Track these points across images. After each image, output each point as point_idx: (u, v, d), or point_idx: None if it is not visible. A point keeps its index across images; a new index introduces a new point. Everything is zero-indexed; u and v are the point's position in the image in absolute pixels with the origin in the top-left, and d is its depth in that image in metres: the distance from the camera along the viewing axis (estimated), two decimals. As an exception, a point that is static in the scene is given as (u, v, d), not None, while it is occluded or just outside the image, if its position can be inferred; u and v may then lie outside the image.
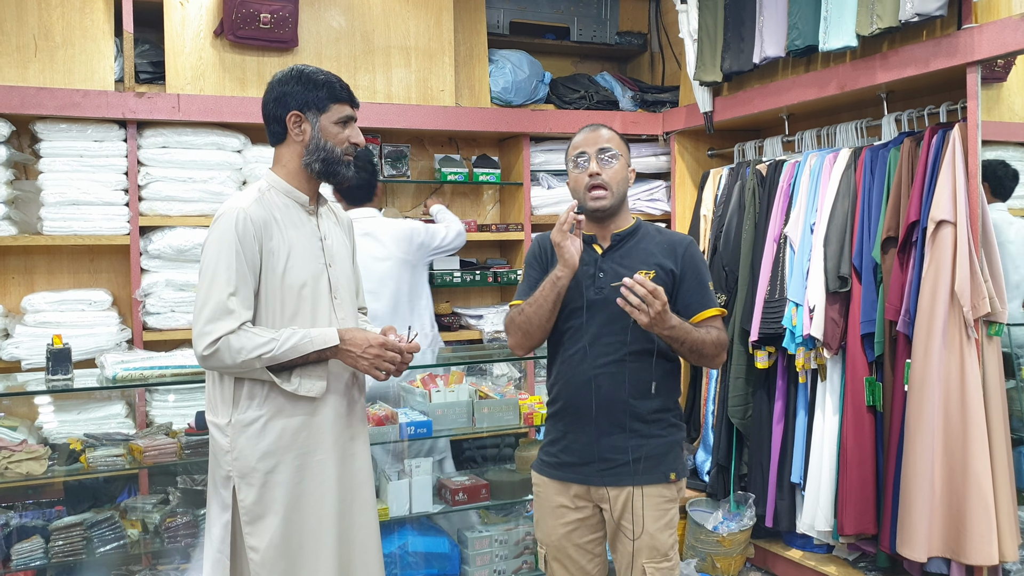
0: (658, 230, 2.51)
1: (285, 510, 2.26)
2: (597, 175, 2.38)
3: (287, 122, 2.31)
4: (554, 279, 2.33)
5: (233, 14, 3.95)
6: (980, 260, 3.09)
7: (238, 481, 2.26)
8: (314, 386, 2.27)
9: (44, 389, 3.06)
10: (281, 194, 2.33)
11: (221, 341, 2.15)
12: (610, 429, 2.38)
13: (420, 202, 4.80)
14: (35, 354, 3.62)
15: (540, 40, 5.05)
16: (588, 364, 2.38)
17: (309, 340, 2.22)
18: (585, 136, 2.46)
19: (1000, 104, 3.69)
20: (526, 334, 2.41)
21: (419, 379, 3.58)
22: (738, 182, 4.17)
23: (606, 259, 2.42)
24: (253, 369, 2.19)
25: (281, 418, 2.26)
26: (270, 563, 2.25)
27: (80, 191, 3.77)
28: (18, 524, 3.12)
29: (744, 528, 3.87)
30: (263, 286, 2.26)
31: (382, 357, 2.27)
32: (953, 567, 3.18)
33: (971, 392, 3.07)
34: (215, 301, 2.17)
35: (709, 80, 4.26)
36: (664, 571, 2.39)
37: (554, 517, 2.47)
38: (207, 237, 2.26)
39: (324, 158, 2.31)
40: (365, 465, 2.43)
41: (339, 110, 2.32)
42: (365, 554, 2.39)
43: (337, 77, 2.36)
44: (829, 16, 3.55)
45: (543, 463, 2.51)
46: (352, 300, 2.46)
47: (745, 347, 3.92)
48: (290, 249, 2.28)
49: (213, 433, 2.31)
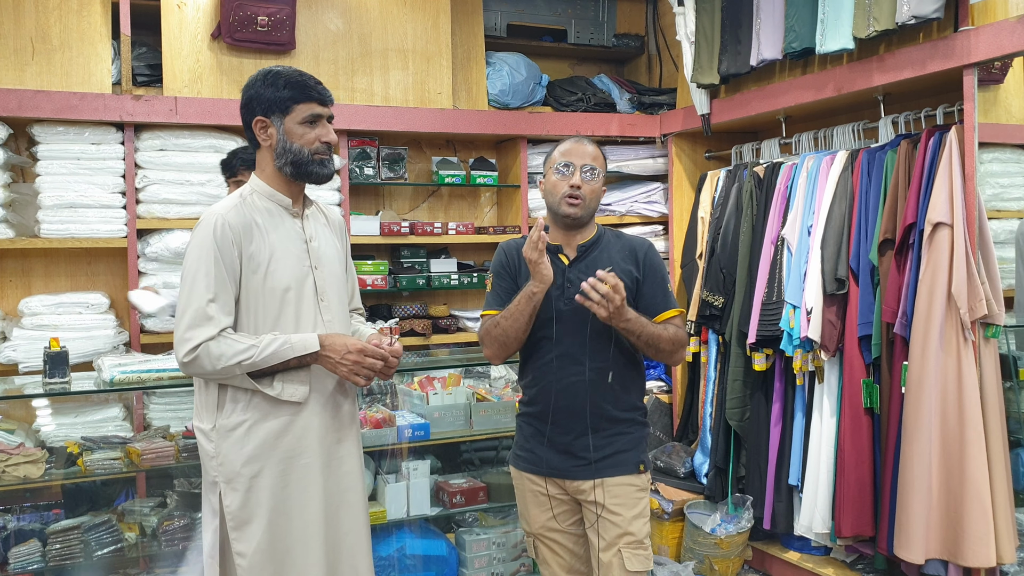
0: (617, 235, 2.62)
1: (270, 515, 2.24)
2: (577, 188, 2.48)
3: (254, 128, 2.30)
4: (529, 294, 2.42)
5: (230, 17, 3.95)
6: (977, 262, 3.09)
7: (224, 486, 2.24)
8: (297, 391, 2.26)
9: (41, 392, 3.06)
10: (264, 198, 2.32)
11: (201, 348, 2.14)
12: (583, 430, 2.49)
13: (417, 204, 4.80)
14: (32, 357, 3.61)
15: (537, 42, 5.05)
16: (562, 372, 2.50)
17: (289, 346, 2.21)
18: (573, 147, 2.54)
19: (997, 106, 3.70)
20: (503, 345, 2.51)
21: (416, 382, 3.58)
22: (735, 184, 4.17)
23: (573, 269, 2.51)
24: (234, 375, 2.19)
25: (265, 423, 2.24)
26: (257, 568, 2.22)
27: (77, 194, 3.76)
28: (15, 527, 3.12)
29: (742, 530, 3.87)
30: (245, 291, 2.24)
31: (360, 363, 2.25)
32: (951, 569, 3.18)
33: (968, 394, 3.08)
34: (195, 308, 2.17)
35: (706, 82, 4.26)
36: (640, 558, 2.48)
37: (536, 506, 2.60)
38: (188, 244, 2.25)
39: (293, 160, 2.28)
40: (353, 469, 2.40)
41: (304, 110, 2.28)
42: (354, 559, 2.37)
43: (305, 76, 2.31)
44: (826, 19, 3.56)
45: (518, 458, 2.64)
46: (341, 302, 2.44)
47: (743, 349, 3.92)
48: (272, 253, 2.26)
49: (199, 438, 2.30)
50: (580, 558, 2.61)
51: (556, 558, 2.62)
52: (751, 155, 4.38)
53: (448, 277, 4.51)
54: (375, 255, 4.52)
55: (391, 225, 4.37)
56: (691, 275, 4.40)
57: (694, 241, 4.44)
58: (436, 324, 4.54)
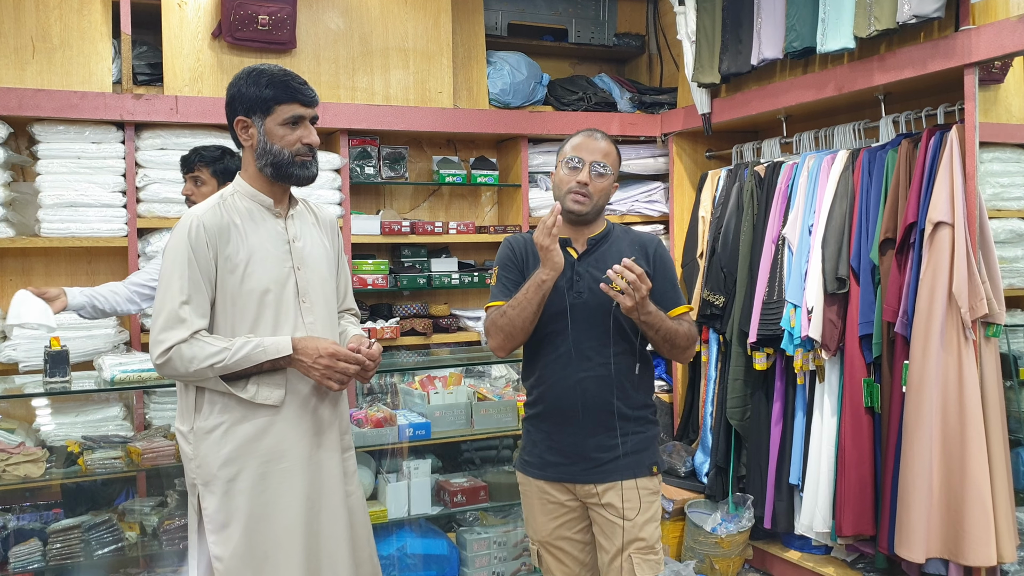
0: (626, 231, 2.57)
1: (247, 519, 2.20)
2: (585, 184, 2.43)
3: (235, 128, 2.27)
4: (539, 282, 2.33)
5: (231, 16, 3.95)
6: (978, 261, 3.09)
7: (202, 489, 2.22)
8: (272, 394, 2.21)
9: (42, 391, 3.05)
10: (246, 198, 2.28)
11: (173, 350, 2.12)
12: (596, 429, 2.43)
13: (418, 204, 4.80)
14: (32, 356, 3.61)
15: (538, 42, 5.05)
16: (573, 368, 2.42)
17: (262, 349, 2.16)
18: (585, 141, 2.48)
19: (997, 105, 3.70)
20: (508, 336, 2.41)
21: (417, 381, 3.58)
22: (736, 184, 4.17)
23: (582, 263, 2.47)
24: (207, 378, 2.16)
25: (242, 425, 2.20)
26: (235, 572, 2.19)
27: (78, 193, 3.76)
28: (16, 527, 3.11)
29: (742, 529, 3.87)
30: (221, 292, 2.21)
31: (332, 368, 2.20)
32: (951, 568, 3.18)
33: (969, 393, 3.08)
34: (168, 310, 2.15)
35: (707, 82, 4.26)
36: (652, 564, 2.42)
37: (543, 513, 2.52)
38: (165, 246, 2.23)
39: (273, 162, 2.24)
40: (335, 473, 2.33)
41: (286, 111, 2.23)
42: (334, 565, 2.30)
43: (289, 76, 2.26)
44: (827, 18, 3.56)
45: (526, 463, 2.55)
46: (328, 304, 2.37)
47: (743, 348, 3.92)
48: (251, 254, 2.23)
49: (179, 440, 2.27)
50: (586, 566, 2.55)
51: (561, 567, 2.54)
52: (752, 154, 4.38)
53: (449, 276, 4.51)
54: (376, 254, 4.52)
55: (392, 224, 4.37)
56: (692, 274, 4.40)
57: (695, 240, 4.44)
58: (437, 323, 4.54)
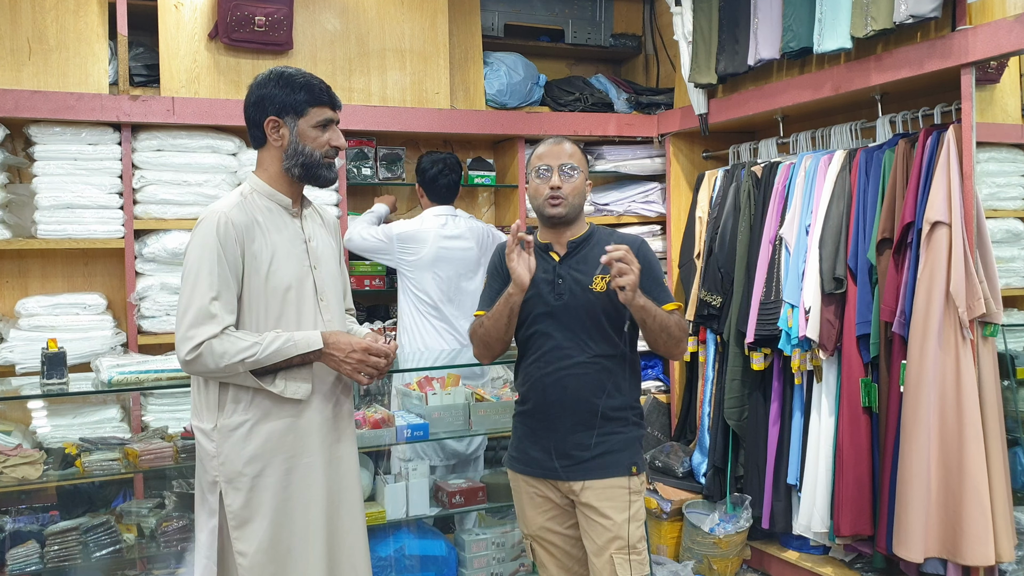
0: (610, 233, 2.63)
1: (273, 514, 2.26)
2: (558, 188, 2.50)
3: (265, 127, 2.31)
4: (507, 296, 2.46)
5: (228, 17, 3.94)
6: (975, 261, 3.09)
7: (225, 486, 2.25)
8: (299, 388, 2.27)
9: (39, 393, 3.04)
10: (264, 197, 2.33)
11: (204, 346, 2.15)
12: (575, 428, 2.49)
13: (415, 204, 4.79)
14: (30, 358, 3.60)
15: (535, 42, 5.05)
16: (554, 367, 2.50)
17: (293, 344, 2.22)
18: (549, 149, 2.57)
19: (993, 105, 3.71)
20: (486, 345, 2.56)
21: (415, 382, 3.57)
22: (733, 184, 4.17)
23: (563, 265, 2.54)
24: (237, 373, 2.19)
25: (267, 422, 2.26)
26: (259, 568, 2.24)
27: (74, 194, 3.75)
28: (13, 529, 3.10)
29: (740, 530, 3.87)
30: (247, 290, 2.25)
31: (365, 362, 2.27)
32: (949, 568, 3.18)
33: (967, 393, 3.08)
34: (197, 306, 2.17)
35: (704, 82, 4.27)
36: (635, 564, 2.45)
37: (532, 507, 2.60)
38: (189, 242, 2.26)
39: (303, 163, 2.31)
40: (352, 467, 2.43)
41: (318, 113, 2.31)
42: (353, 557, 2.39)
43: (318, 80, 2.35)
44: (823, 18, 3.56)
45: (513, 459, 2.64)
46: (339, 302, 2.45)
47: (741, 349, 3.93)
48: (274, 252, 2.28)
49: (199, 438, 2.30)
50: (578, 560, 2.60)
51: (553, 560, 2.62)
52: (749, 155, 4.38)
53: (446, 277, 4.49)
54: (373, 255, 4.51)
55: (389, 225, 4.35)
56: (689, 275, 4.40)
57: (692, 241, 4.44)
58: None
